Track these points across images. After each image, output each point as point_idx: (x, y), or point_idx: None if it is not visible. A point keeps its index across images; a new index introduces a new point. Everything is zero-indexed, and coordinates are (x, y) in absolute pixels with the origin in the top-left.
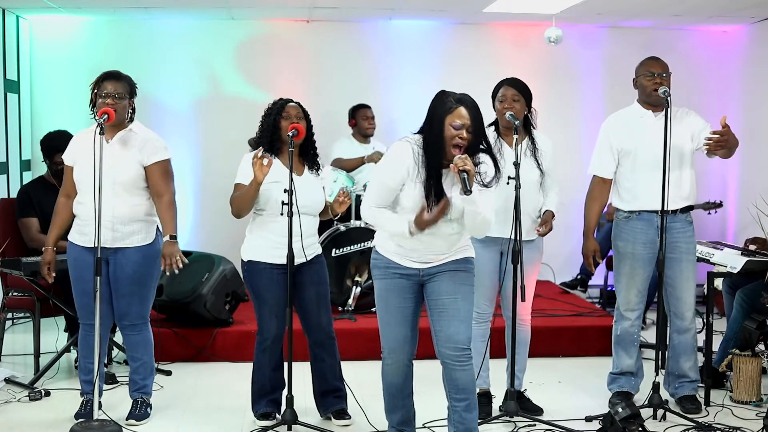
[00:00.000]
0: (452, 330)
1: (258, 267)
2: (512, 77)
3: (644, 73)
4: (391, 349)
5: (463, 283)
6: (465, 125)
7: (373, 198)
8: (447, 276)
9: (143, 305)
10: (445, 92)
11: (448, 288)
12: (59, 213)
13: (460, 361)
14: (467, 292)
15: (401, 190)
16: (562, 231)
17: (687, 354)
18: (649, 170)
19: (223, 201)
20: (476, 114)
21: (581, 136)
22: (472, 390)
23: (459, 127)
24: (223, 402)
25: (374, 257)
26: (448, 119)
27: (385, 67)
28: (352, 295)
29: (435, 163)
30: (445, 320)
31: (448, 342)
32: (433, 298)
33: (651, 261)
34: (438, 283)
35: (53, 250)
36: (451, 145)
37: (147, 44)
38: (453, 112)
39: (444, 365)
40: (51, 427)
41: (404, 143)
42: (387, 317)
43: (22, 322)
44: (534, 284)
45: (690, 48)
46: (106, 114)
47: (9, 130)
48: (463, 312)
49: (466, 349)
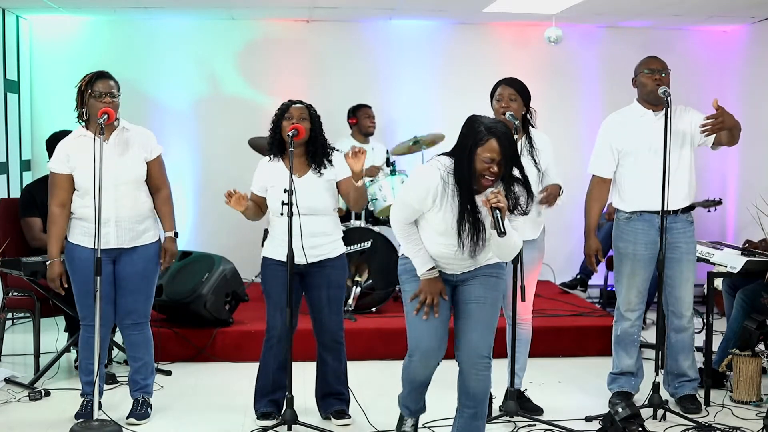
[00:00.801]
0: (474, 336)
1: (267, 263)
2: (510, 77)
3: (643, 70)
4: (423, 352)
5: (493, 288)
6: (495, 159)
7: (399, 213)
8: (479, 281)
9: (148, 302)
10: (476, 118)
11: (477, 293)
12: (57, 224)
13: (477, 368)
14: (495, 299)
15: (426, 212)
16: (562, 231)
17: (685, 353)
18: (650, 170)
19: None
20: (509, 144)
21: (581, 136)
22: (483, 399)
23: (489, 161)
24: (223, 402)
25: (404, 262)
26: (479, 151)
27: (385, 67)
28: (352, 295)
29: (467, 191)
30: (470, 326)
31: (468, 348)
32: (461, 302)
33: (652, 261)
34: (469, 287)
35: (61, 261)
36: (481, 176)
37: (147, 44)
38: (484, 145)
39: (461, 370)
40: (51, 427)
41: (432, 169)
42: (420, 320)
43: (22, 322)
44: (535, 283)
45: (690, 48)
46: (107, 114)
47: (9, 130)
48: (489, 318)
49: (485, 357)
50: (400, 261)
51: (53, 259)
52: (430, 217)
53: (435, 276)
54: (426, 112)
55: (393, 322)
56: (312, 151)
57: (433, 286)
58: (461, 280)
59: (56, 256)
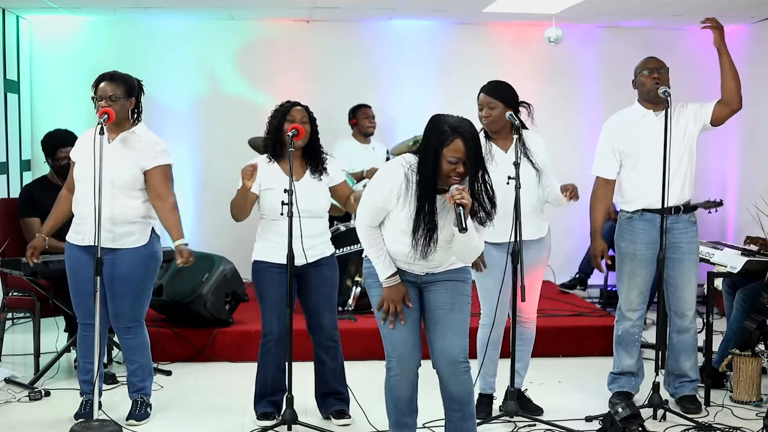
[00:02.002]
0: (446, 343)
1: (262, 266)
2: (490, 83)
3: (642, 71)
4: (401, 355)
5: (460, 293)
6: (461, 159)
7: (365, 214)
8: (444, 286)
9: (137, 307)
10: (440, 118)
11: (444, 298)
12: (59, 204)
13: (455, 374)
14: (463, 303)
15: (391, 210)
16: (561, 231)
17: (687, 353)
18: (651, 170)
19: (224, 201)
20: (474, 144)
21: (581, 136)
22: (468, 401)
23: (455, 161)
24: (223, 402)
25: (368, 266)
26: (445, 152)
27: (385, 67)
28: (352, 295)
29: (429, 191)
30: (439, 332)
31: (442, 355)
32: (428, 308)
33: (653, 261)
34: (435, 293)
35: (44, 238)
36: (447, 177)
37: (147, 44)
38: (449, 145)
39: (440, 378)
40: (51, 427)
41: (397, 166)
42: (389, 328)
43: (22, 322)
44: (540, 282)
45: (689, 48)
46: (107, 114)
47: (9, 130)
48: (458, 324)
49: (461, 362)
50: (365, 264)
51: (40, 233)
52: (394, 216)
53: (396, 283)
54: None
55: None
56: (309, 154)
57: (395, 293)
58: (426, 282)
59: (43, 231)
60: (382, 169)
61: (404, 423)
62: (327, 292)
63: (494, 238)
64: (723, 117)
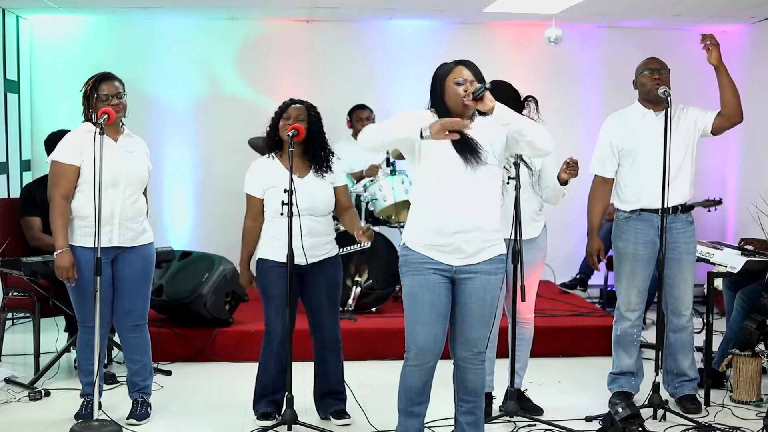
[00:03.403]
0: (473, 334)
1: (266, 265)
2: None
3: (643, 71)
4: (419, 348)
5: (495, 287)
6: (468, 80)
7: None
8: (479, 281)
9: (145, 303)
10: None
11: (479, 293)
12: (64, 215)
13: (473, 363)
14: (495, 297)
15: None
16: (562, 231)
17: (684, 352)
18: (650, 170)
19: (223, 201)
20: (477, 71)
21: (581, 136)
22: (481, 394)
23: (462, 82)
24: (223, 402)
25: (404, 253)
26: (450, 78)
27: (385, 67)
28: (352, 295)
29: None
30: (468, 324)
31: (465, 344)
32: (462, 301)
33: (651, 261)
34: (470, 286)
35: (69, 250)
36: (459, 103)
37: (147, 44)
38: (453, 72)
39: (456, 366)
40: (51, 427)
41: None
42: (418, 315)
43: (22, 322)
44: (537, 283)
45: (690, 48)
46: (106, 114)
47: (9, 130)
48: (488, 317)
49: (481, 353)
50: (402, 252)
51: (61, 248)
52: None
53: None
54: None
55: (393, 322)
56: (311, 152)
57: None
58: (461, 273)
59: (64, 245)
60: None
61: (412, 411)
62: (330, 293)
63: None
64: (723, 128)
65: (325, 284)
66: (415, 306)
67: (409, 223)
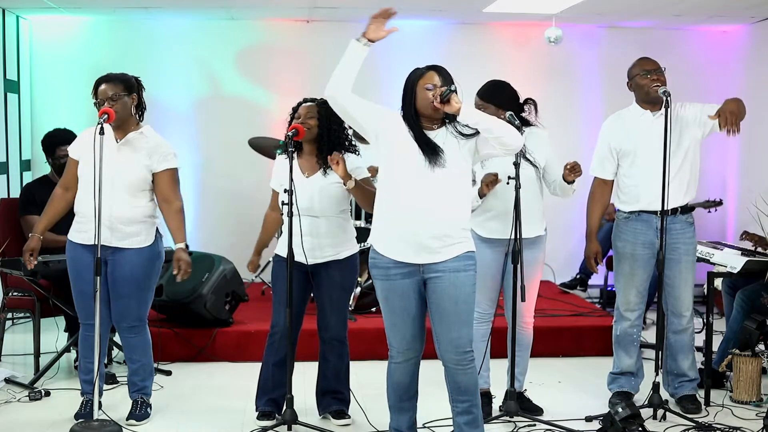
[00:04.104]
0: (454, 334)
1: (276, 260)
2: (485, 84)
3: (639, 72)
4: (400, 349)
5: (465, 284)
6: (437, 85)
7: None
8: (448, 279)
9: (141, 307)
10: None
11: (449, 291)
12: (53, 202)
13: (462, 364)
14: (469, 294)
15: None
16: (562, 231)
17: (685, 352)
18: (649, 170)
19: (223, 201)
20: (447, 76)
21: (581, 136)
22: (474, 392)
23: (431, 88)
24: (223, 402)
25: (372, 256)
26: (421, 83)
27: (385, 67)
28: (352, 295)
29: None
30: (446, 324)
31: (449, 346)
32: (434, 301)
33: (651, 261)
34: (439, 285)
35: (39, 237)
36: (428, 107)
37: (147, 44)
38: (425, 77)
39: (446, 368)
40: (51, 427)
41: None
42: (392, 318)
43: (22, 322)
44: (537, 286)
45: (690, 48)
46: (106, 114)
47: (9, 130)
48: (464, 315)
49: (468, 352)
50: (371, 255)
51: (33, 233)
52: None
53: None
54: None
55: None
56: (323, 150)
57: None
58: (430, 272)
59: (37, 231)
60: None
61: (401, 407)
62: (334, 295)
63: (489, 234)
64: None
65: (330, 286)
66: (388, 310)
67: (374, 223)
